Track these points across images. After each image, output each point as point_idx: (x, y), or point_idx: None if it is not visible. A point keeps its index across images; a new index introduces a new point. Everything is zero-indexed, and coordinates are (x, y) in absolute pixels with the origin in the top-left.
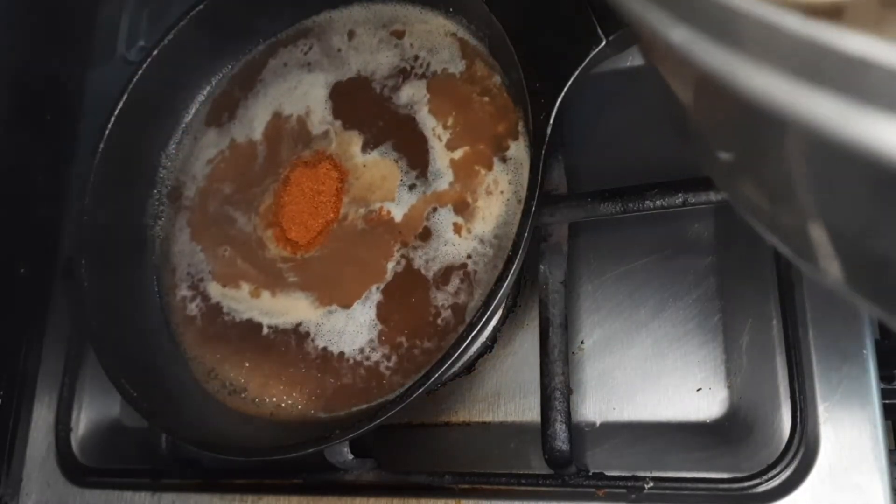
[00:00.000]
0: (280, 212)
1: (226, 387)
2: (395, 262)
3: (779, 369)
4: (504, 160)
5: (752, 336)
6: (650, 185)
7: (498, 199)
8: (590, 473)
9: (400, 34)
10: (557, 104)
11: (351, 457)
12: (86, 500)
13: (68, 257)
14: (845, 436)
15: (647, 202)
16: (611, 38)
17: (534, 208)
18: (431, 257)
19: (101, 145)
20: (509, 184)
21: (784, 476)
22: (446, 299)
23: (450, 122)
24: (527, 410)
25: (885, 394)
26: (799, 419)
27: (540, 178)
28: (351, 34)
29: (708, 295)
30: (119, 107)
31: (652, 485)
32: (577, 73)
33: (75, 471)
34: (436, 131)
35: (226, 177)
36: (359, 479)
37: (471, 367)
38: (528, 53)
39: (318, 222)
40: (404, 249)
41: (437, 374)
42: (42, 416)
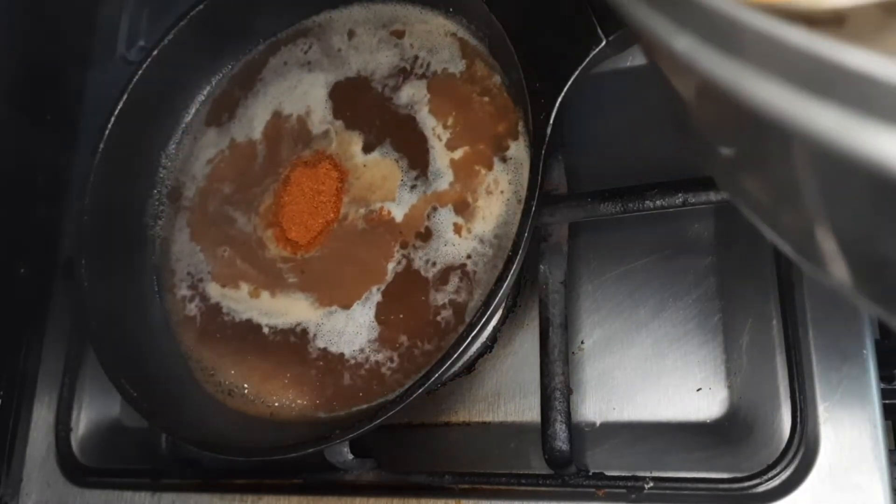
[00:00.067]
0: (280, 212)
1: (226, 387)
2: (395, 263)
3: (779, 369)
4: (504, 160)
5: (752, 336)
6: (650, 185)
7: (498, 199)
8: (590, 473)
9: (400, 34)
10: (557, 104)
11: (351, 457)
12: (86, 500)
13: (68, 257)
14: (845, 436)
15: (647, 202)
16: (611, 38)
17: (534, 208)
18: (431, 257)
19: (101, 145)
20: (509, 184)
21: (784, 476)
22: (446, 299)
23: (450, 121)
24: (527, 410)
25: (885, 394)
26: (799, 419)
27: (540, 177)
28: (351, 34)
29: (708, 295)
30: (119, 107)
31: (652, 485)
32: (577, 73)
33: (75, 471)
34: (436, 131)
35: (226, 177)
36: (359, 479)
37: (471, 367)
38: (528, 53)
39: (318, 222)
40: (405, 250)
41: (437, 374)
42: (42, 416)
